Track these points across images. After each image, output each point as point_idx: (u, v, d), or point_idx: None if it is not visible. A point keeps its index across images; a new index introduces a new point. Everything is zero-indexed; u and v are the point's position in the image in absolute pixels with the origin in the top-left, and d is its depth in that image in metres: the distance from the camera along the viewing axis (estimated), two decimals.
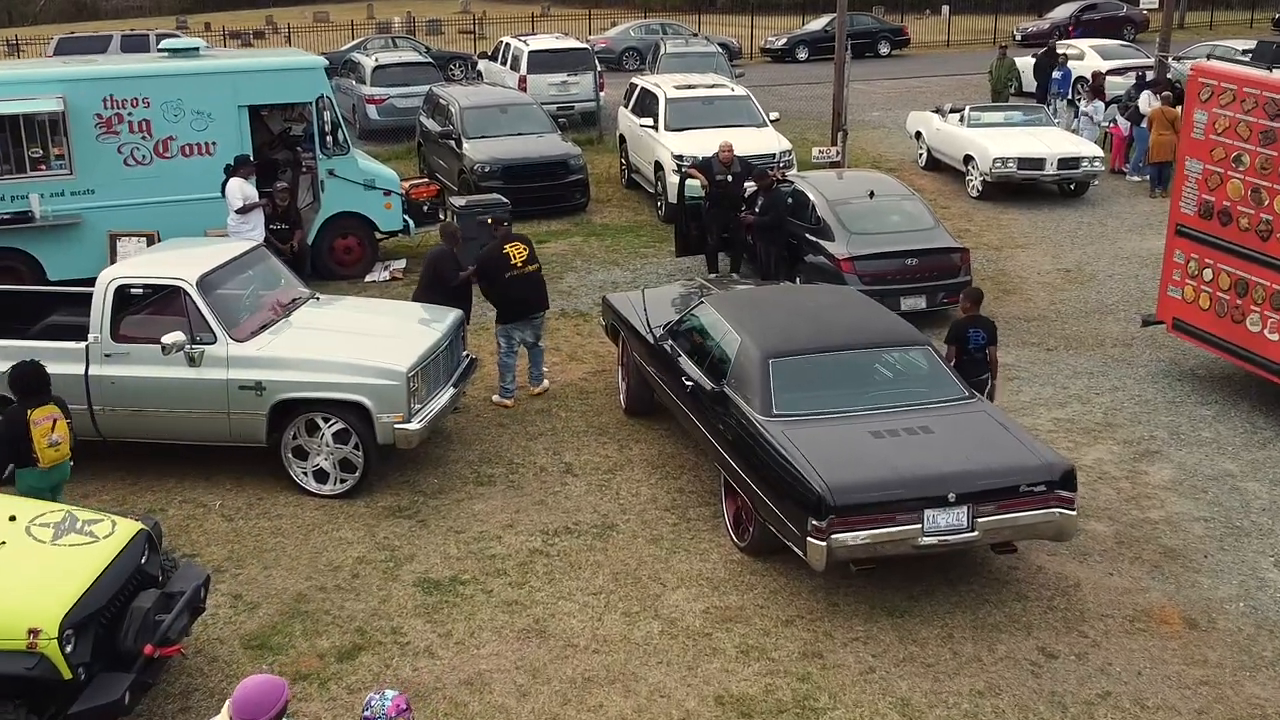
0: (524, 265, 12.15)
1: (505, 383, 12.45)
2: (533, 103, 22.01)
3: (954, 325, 10.75)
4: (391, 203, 16.55)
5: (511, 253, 12.14)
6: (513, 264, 12.08)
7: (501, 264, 12.09)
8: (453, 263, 12.26)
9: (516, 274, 12.11)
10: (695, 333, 10.70)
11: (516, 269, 12.10)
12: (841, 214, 14.73)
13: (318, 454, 10.32)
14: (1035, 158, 19.69)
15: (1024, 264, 17.09)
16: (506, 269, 12.07)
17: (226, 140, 15.44)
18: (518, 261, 12.12)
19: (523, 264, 12.14)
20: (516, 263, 12.11)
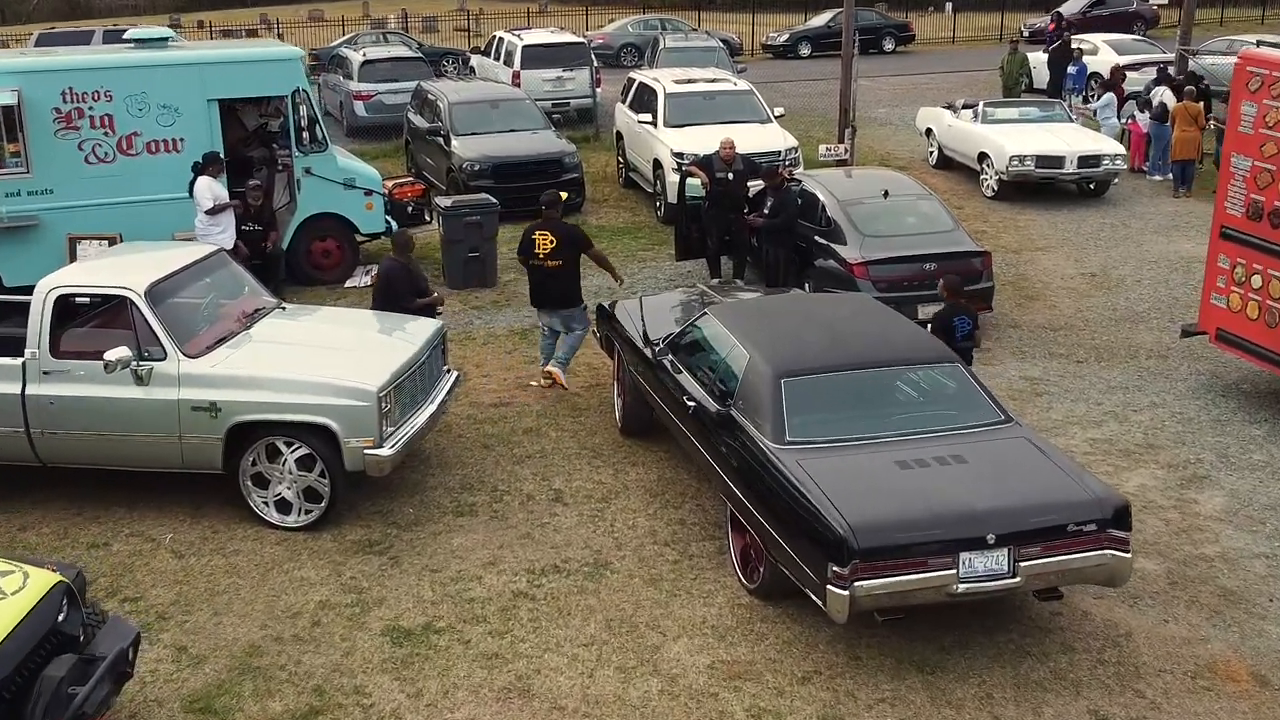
0: (544, 258, 11.63)
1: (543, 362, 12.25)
2: (525, 98, 21.00)
3: (938, 315, 10.46)
4: (373, 203, 15.53)
5: (537, 240, 11.68)
6: (535, 253, 11.68)
7: (528, 247, 11.74)
8: (405, 276, 11.14)
9: (536, 264, 11.72)
10: (698, 347, 9.69)
11: (537, 259, 11.68)
12: (854, 215, 13.72)
13: (280, 482, 9.30)
14: (1054, 155, 18.67)
15: (1045, 268, 16.08)
16: (529, 255, 11.73)
17: (195, 136, 14.43)
18: (539, 252, 11.65)
19: (544, 256, 11.62)
20: (538, 252, 11.66)
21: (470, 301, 14.98)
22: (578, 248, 11.79)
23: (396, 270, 11.16)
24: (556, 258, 11.60)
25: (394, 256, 11.33)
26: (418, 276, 11.35)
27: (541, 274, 11.72)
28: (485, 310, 14.68)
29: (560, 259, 11.61)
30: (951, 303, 10.48)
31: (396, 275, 11.12)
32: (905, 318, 9.63)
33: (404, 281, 11.09)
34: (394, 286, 11.07)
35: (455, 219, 15.18)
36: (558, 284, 11.73)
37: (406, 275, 11.14)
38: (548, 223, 11.81)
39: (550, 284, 11.74)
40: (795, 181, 14.86)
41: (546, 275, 11.70)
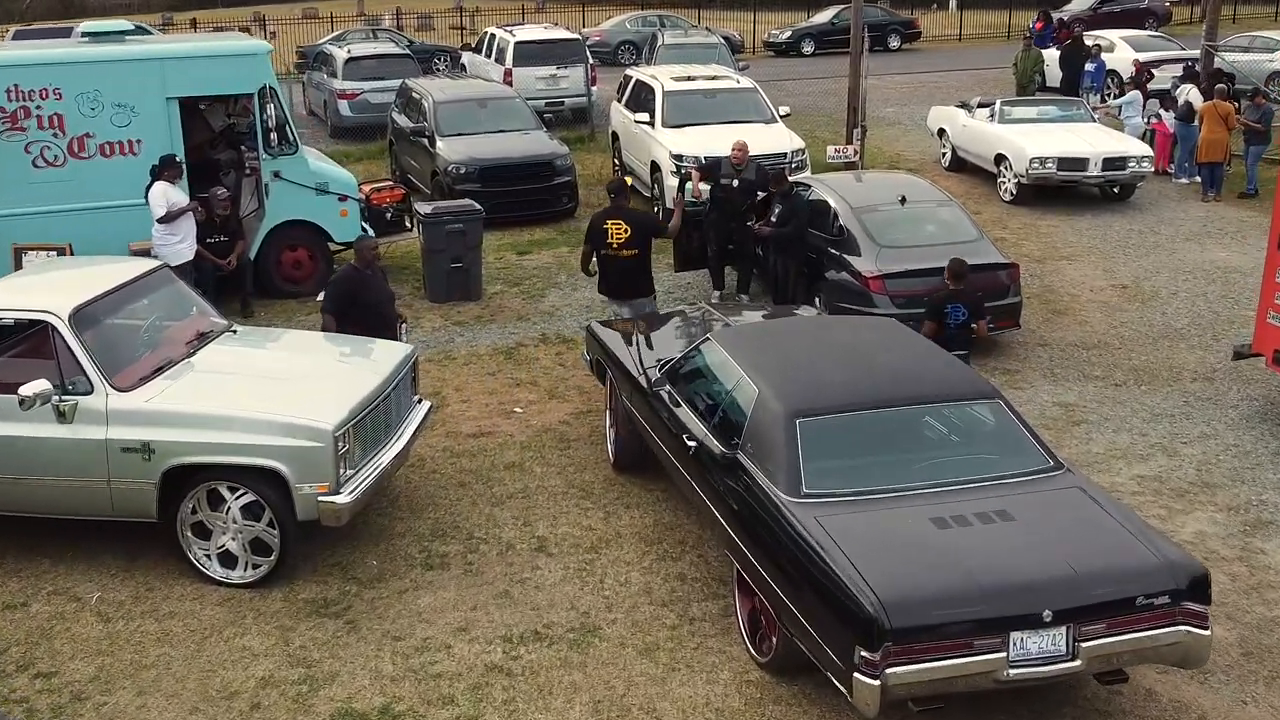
0: (619, 247, 11.25)
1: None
2: (515, 96, 19.84)
3: (931, 299, 10.10)
4: (348, 209, 14.38)
5: (610, 229, 11.27)
6: (608, 242, 11.28)
7: (598, 237, 11.35)
8: (359, 289, 9.96)
9: (609, 254, 11.33)
10: (699, 377, 8.56)
11: (610, 248, 11.29)
12: (868, 223, 12.59)
13: (223, 533, 8.17)
14: (1077, 157, 17.51)
15: (1073, 279, 14.94)
16: (601, 244, 11.34)
17: (153, 138, 13.30)
18: (613, 241, 11.25)
19: (618, 245, 11.24)
20: (612, 242, 11.27)
21: (452, 316, 13.84)
22: (650, 234, 11.58)
23: (347, 282, 10.01)
24: (631, 246, 11.26)
25: (353, 264, 10.17)
26: (377, 290, 10.18)
27: (616, 264, 11.33)
28: (468, 326, 13.54)
29: (635, 247, 11.29)
30: (953, 289, 10.02)
31: (345, 288, 9.96)
32: (937, 346, 8.48)
33: (353, 294, 9.92)
34: (339, 299, 9.96)
35: (436, 227, 14.04)
36: (632, 273, 11.39)
37: (360, 288, 9.97)
38: (618, 211, 11.44)
39: (625, 273, 11.37)
40: (804, 187, 13.71)
41: (621, 264, 11.32)
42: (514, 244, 16.75)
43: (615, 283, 11.43)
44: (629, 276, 11.36)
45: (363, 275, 10.06)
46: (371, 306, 10.06)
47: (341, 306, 9.87)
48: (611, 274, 11.42)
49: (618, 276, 11.38)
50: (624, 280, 11.38)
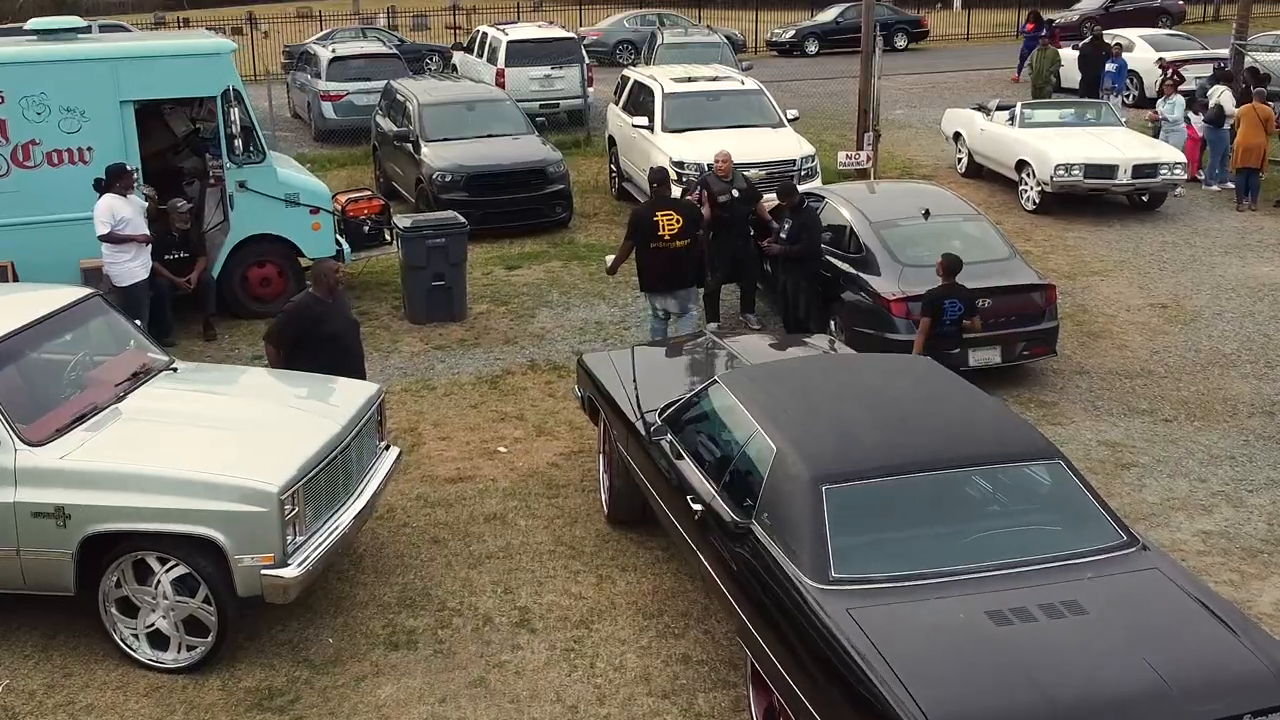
0: (671, 239, 11.07)
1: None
2: (505, 99, 18.68)
3: (929, 295, 9.91)
4: (320, 222, 13.24)
5: (661, 221, 11.06)
6: (659, 234, 11.05)
7: (648, 229, 11.08)
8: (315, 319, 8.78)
9: (661, 247, 11.10)
10: (706, 427, 7.41)
11: (661, 241, 11.07)
12: (889, 239, 11.44)
13: (153, 610, 7.03)
14: (1105, 164, 16.35)
15: (1106, 297, 13.79)
16: (652, 237, 11.07)
17: (106, 145, 12.19)
18: (665, 234, 11.06)
19: (670, 237, 11.06)
20: (664, 234, 11.05)
21: (433, 339, 12.70)
22: (699, 223, 11.42)
23: (302, 312, 8.81)
24: (684, 236, 11.12)
25: (312, 291, 9.00)
26: (338, 320, 9.00)
27: (667, 255, 11.13)
28: (450, 351, 12.39)
29: (688, 237, 11.16)
30: (948, 284, 9.87)
31: (300, 320, 8.77)
32: (982, 392, 7.33)
33: (309, 327, 8.74)
34: (283, 317, 8.84)
35: (416, 241, 12.89)
36: (685, 263, 11.23)
37: (318, 320, 8.78)
38: (666, 201, 11.36)
39: (678, 264, 11.19)
40: (816, 199, 12.57)
41: (673, 256, 11.15)
42: (503, 257, 15.61)
43: (665, 274, 11.22)
44: (681, 267, 11.22)
45: (322, 304, 8.89)
46: (332, 339, 8.87)
47: (293, 340, 8.70)
48: (661, 266, 11.19)
49: (669, 268, 11.19)
50: (676, 271, 11.21)
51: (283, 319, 8.83)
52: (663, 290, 11.34)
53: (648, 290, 11.47)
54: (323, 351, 8.73)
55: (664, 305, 11.43)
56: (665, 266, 11.21)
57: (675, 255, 11.15)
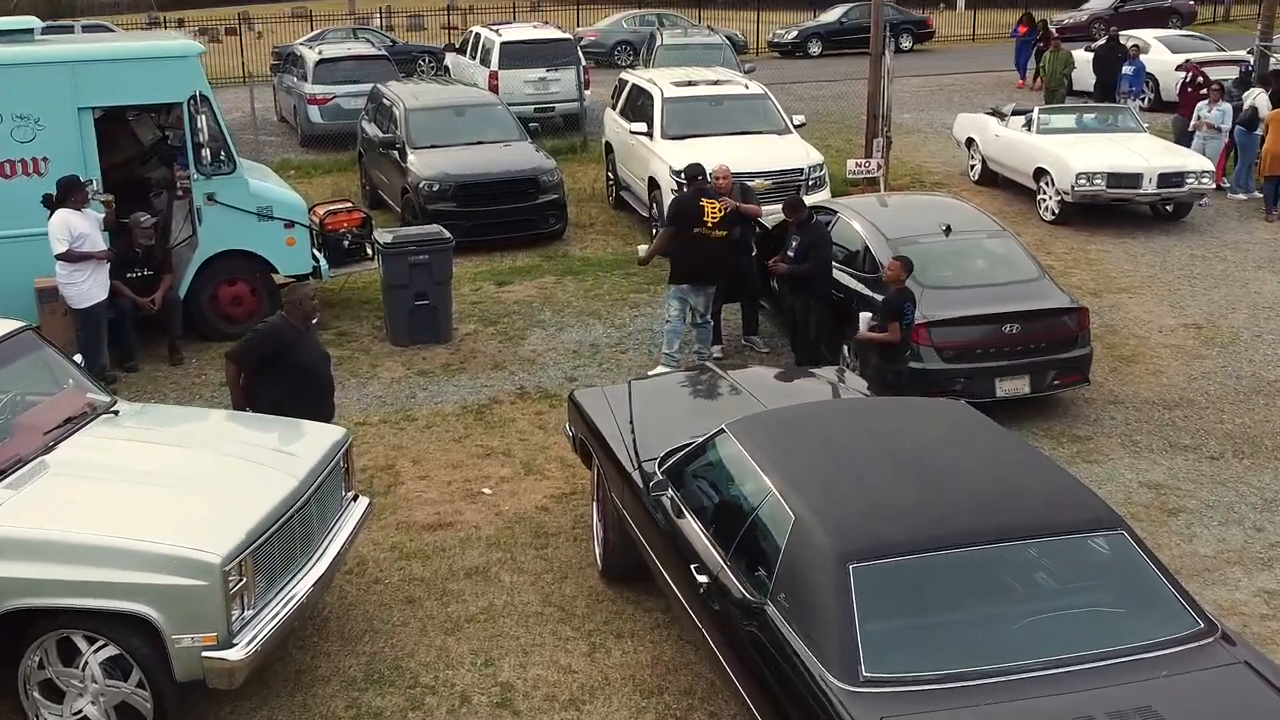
0: (714, 227, 10.85)
1: (669, 349, 11.14)
2: (497, 103, 17.77)
3: (889, 300, 9.45)
4: (295, 237, 12.37)
5: (707, 208, 10.87)
6: (704, 219, 10.81)
7: (693, 215, 10.83)
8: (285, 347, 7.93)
9: (703, 233, 10.82)
10: (712, 483, 6.55)
11: (705, 228, 10.82)
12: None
13: (80, 694, 6.15)
14: (1129, 173, 15.44)
15: (1136, 316, 12.92)
16: (695, 223, 10.81)
17: (63, 155, 11.32)
18: (709, 220, 10.83)
19: (713, 225, 10.84)
20: (708, 220, 10.82)
21: (416, 364, 11.81)
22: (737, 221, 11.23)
23: (273, 337, 7.93)
24: (724, 226, 10.92)
25: (285, 316, 8.11)
26: (311, 350, 8.12)
27: (705, 245, 10.84)
28: (434, 377, 11.51)
29: (727, 229, 10.96)
30: (902, 288, 9.46)
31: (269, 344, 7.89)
32: (1019, 438, 6.44)
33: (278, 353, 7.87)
34: (249, 341, 7.96)
35: (398, 258, 12.01)
36: (720, 254, 11.00)
37: (288, 347, 7.91)
38: (706, 191, 11.16)
39: (715, 255, 10.93)
40: (827, 213, 11.70)
41: (713, 246, 10.89)
42: (493, 272, 14.72)
43: (703, 266, 10.92)
44: (719, 260, 10.97)
45: (295, 332, 8.01)
46: (304, 372, 8.01)
47: (258, 363, 7.86)
48: (701, 256, 10.87)
49: (708, 259, 10.89)
50: (713, 263, 10.94)
51: (252, 338, 7.96)
52: (698, 281, 10.99)
53: (682, 280, 10.99)
54: (293, 383, 7.89)
55: (695, 302, 11.05)
56: (704, 256, 10.92)
57: (715, 246, 10.93)
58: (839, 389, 8.33)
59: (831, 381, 8.60)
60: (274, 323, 8.02)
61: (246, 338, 8.08)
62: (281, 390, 7.84)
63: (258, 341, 7.97)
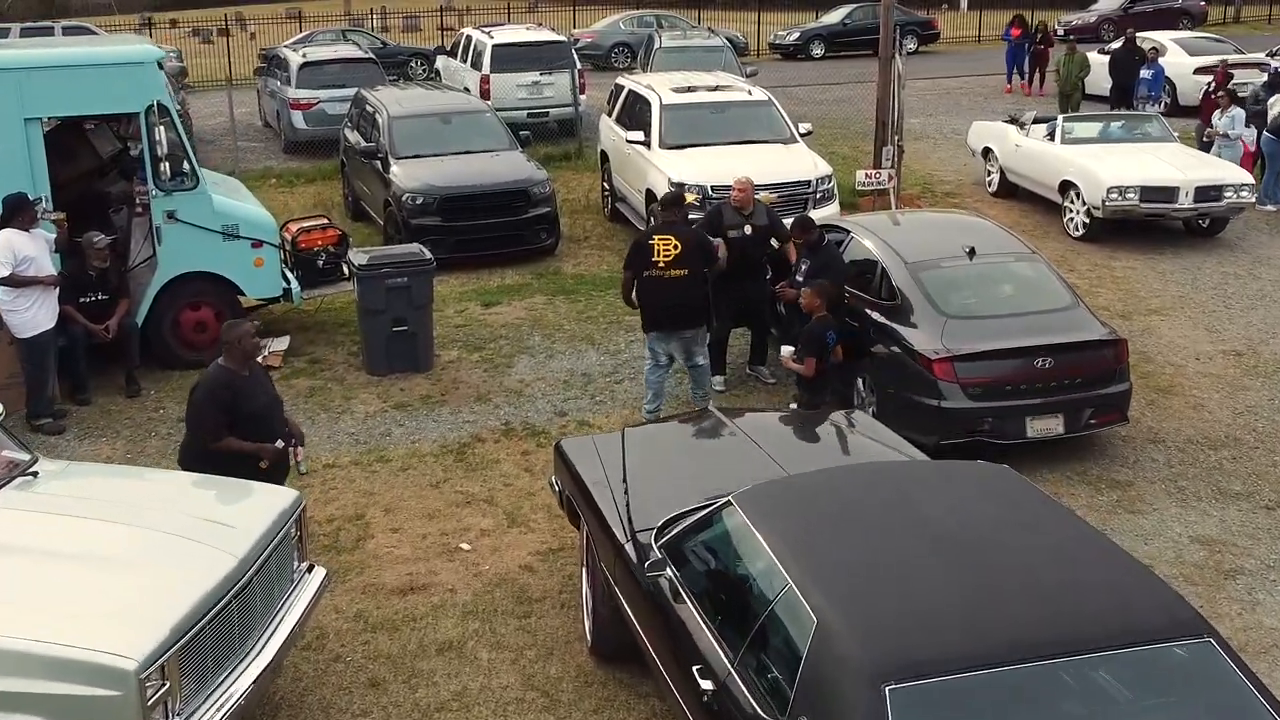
0: (666, 267, 9.63)
1: (648, 405, 10.11)
2: (485, 110, 16.84)
3: (810, 331, 8.97)
4: (264, 257, 11.45)
5: (656, 245, 9.68)
6: (653, 260, 9.65)
7: (641, 257, 9.76)
8: (229, 402, 7.00)
9: (655, 275, 9.69)
10: (718, 564, 5.65)
11: (655, 268, 9.66)
12: (928, 284, 9.64)
13: None
14: (1165, 186, 14.51)
15: (1170, 342, 12.01)
16: (646, 264, 9.71)
17: (9, 169, 10.39)
18: (660, 260, 9.64)
19: (665, 264, 9.63)
20: (658, 260, 9.64)
21: (393, 395, 10.90)
22: (704, 253, 9.84)
23: (216, 391, 7.00)
24: (681, 265, 9.63)
25: (222, 363, 7.19)
26: (259, 394, 7.20)
27: (662, 286, 9.69)
28: (412, 411, 10.59)
29: (685, 267, 9.64)
30: (823, 316, 8.96)
31: (213, 400, 6.98)
32: (1077, 517, 5.52)
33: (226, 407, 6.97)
34: (203, 409, 7.01)
35: (374, 281, 11.09)
36: (681, 298, 9.70)
37: (235, 397, 6.99)
38: (669, 226, 9.89)
39: (673, 298, 9.70)
40: (839, 233, 10.79)
41: (668, 287, 9.67)
42: (479, 291, 13.80)
43: (662, 310, 9.81)
44: (677, 302, 9.71)
45: (236, 377, 7.09)
46: (250, 419, 7.09)
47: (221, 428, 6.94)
48: (656, 299, 9.77)
49: (665, 302, 9.74)
50: (672, 306, 9.73)
51: (200, 410, 6.99)
52: (665, 329, 9.86)
53: (647, 329, 10.00)
54: (239, 436, 6.97)
55: (666, 349, 9.96)
56: (663, 299, 9.77)
57: (672, 286, 9.67)
58: (856, 439, 7.42)
59: (846, 428, 7.69)
60: (213, 375, 7.07)
61: (192, 411, 7.08)
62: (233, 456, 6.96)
63: (205, 407, 6.99)
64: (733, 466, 6.82)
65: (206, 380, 7.07)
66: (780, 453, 6.93)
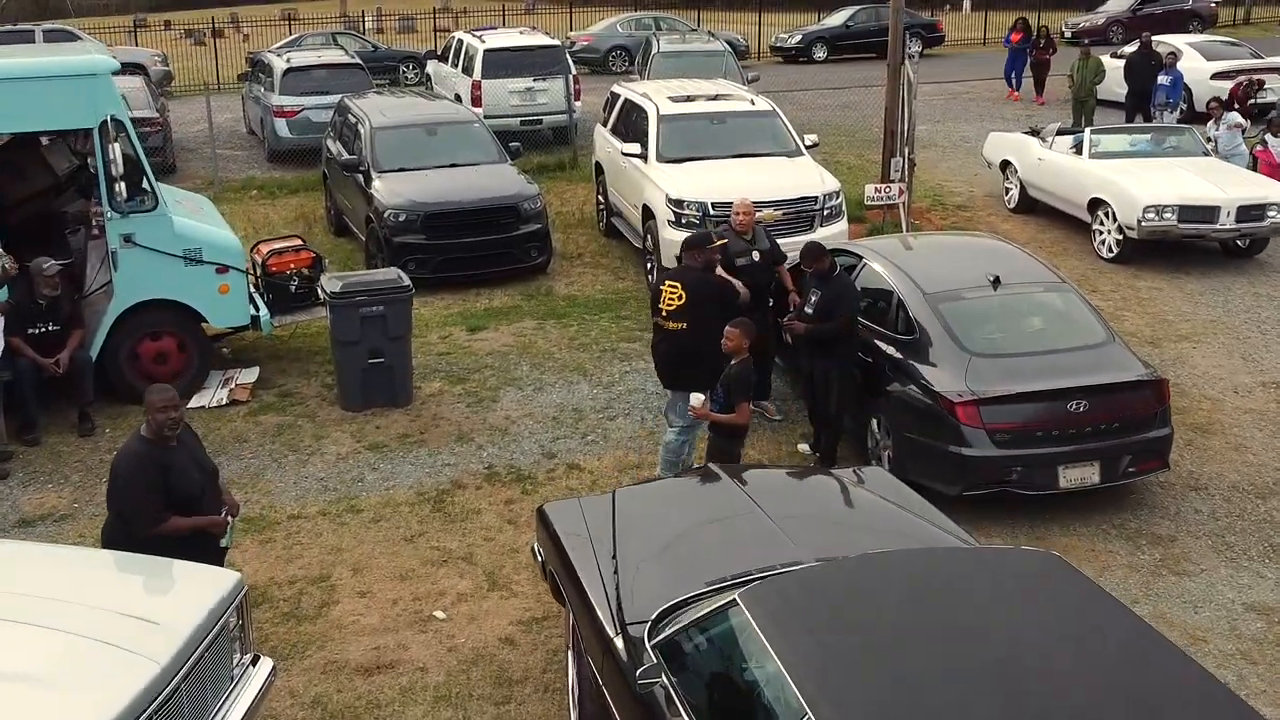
0: (666, 318, 8.79)
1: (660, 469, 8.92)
2: (474, 120, 15.96)
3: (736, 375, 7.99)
4: (229, 284, 10.62)
5: (664, 292, 8.84)
6: (658, 306, 8.88)
7: (654, 301, 9.03)
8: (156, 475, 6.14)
9: (658, 323, 8.93)
10: (722, 674, 4.81)
11: (660, 315, 8.86)
12: (949, 317, 8.82)
13: None
14: (1205, 205, 13.54)
15: (1204, 373, 11.18)
16: (654, 308, 8.99)
17: None
18: (663, 309, 8.81)
19: (666, 315, 8.79)
20: (662, 309, 8.83)
21: (367, 434, 10.06)
22: (712, 302, 8.78)
23: (139, 468, 6.13)
24: (680, 318, 8.73)
25: (142, 434, 6.33)
26: (187, 468, 6.34)
27: (662, 337, 8.91)
28: (387, 453, 9.75)
29: (684, 320, 8.71)
30: (745, 358, 8.04)
31: (139, 478, 6.12)
32: (1152, 629, 4.69)
33: (153, 490, 6.12)
34: (131, 493, 6.13)
35: (347, 309, 10.25)
36: (677, 353, 8.76)
37: (161, 473, 6.15)
38: (681, 271, 9.05)
39: (670, 351, 8.84)
40: (851, 258, 9.96)
41: (668, 340, 8.85)
42: (465, 314, 12.97)
43: (661, 363, 9.07)
44: (673, 356, 8.82)
45: (159, 451, 6.21)
46: (183, 500, 6.21)
47: (159, 510, 6.09)
48: (658, 351, 9.05)
49: (663, 355, 8.97)
50: (669, 361, 8.88)
51: (127, 496, 6.10)
52: (665, 383, 9.08)
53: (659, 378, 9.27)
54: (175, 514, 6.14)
55: (668, 407, 9.03)
56: (660, 352, 9.03)
57: (669, 339, 8.83)
58: (876, 505, 6.58)
59: (864, 491, 6.84)
60: (135, 452, 6.17)
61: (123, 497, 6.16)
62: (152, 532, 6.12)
63: (139, 491, 6.09)
64: (736, 540, 6.02)
65: (129, 459, 6.16)
66: (790, 523, 6.11)
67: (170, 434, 6.19)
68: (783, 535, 5.96)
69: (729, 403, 7.98)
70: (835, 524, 6.34)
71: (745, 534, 6.05)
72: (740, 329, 8.04)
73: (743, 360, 8.04)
